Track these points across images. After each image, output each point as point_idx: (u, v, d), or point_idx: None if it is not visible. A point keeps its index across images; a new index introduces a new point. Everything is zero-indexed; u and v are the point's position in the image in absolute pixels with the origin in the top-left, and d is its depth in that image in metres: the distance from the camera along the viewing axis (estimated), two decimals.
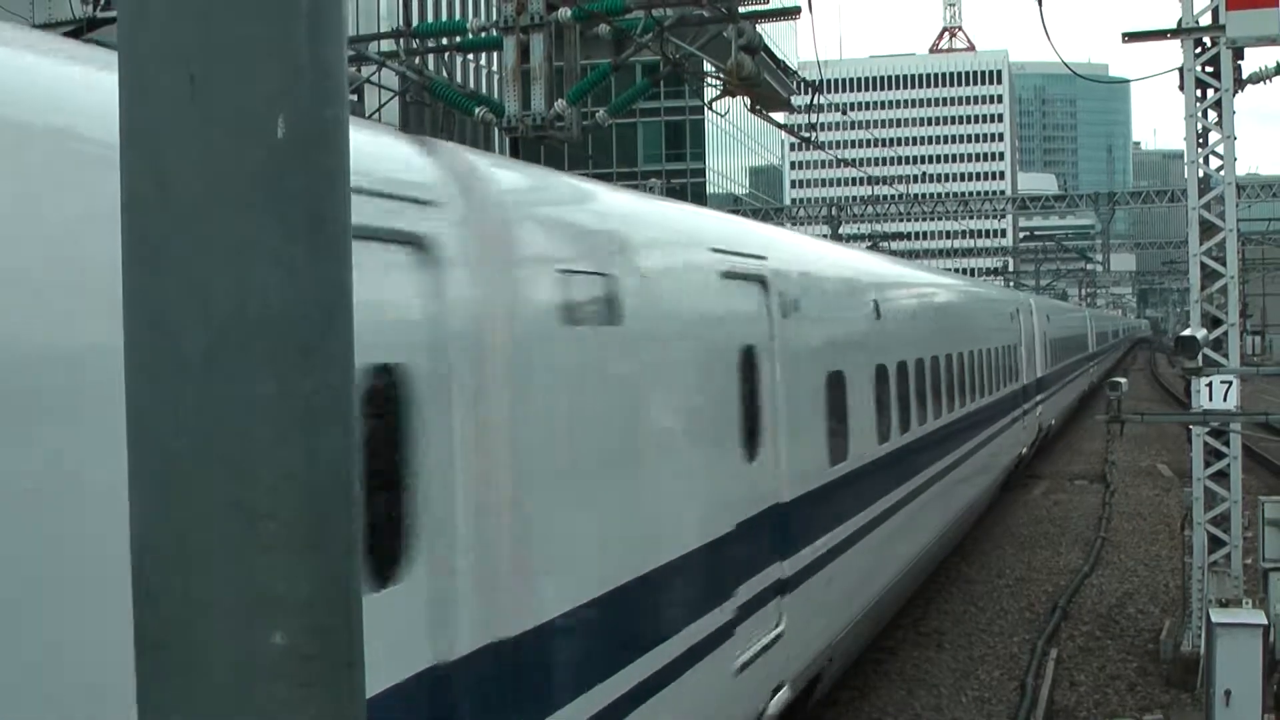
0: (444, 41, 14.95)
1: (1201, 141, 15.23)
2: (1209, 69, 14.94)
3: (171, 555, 1.44)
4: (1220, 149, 15.15)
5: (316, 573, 1.46)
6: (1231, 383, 13.67)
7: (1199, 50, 14.91)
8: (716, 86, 12.24)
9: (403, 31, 15.15)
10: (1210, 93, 15.00)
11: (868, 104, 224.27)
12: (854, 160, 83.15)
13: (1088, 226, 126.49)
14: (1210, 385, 13.61)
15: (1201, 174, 15.27)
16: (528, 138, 11.39)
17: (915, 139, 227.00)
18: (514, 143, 11.73)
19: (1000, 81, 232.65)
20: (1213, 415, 13.58)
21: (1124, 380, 16.06)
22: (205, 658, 1.43)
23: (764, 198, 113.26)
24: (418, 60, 14.75)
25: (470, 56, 59.51)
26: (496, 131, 12.46)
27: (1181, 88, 15.01)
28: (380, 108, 15.35)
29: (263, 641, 1.43)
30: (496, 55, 12.83)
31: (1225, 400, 13.60)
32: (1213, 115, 15.10)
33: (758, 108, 12.40)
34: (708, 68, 12.76)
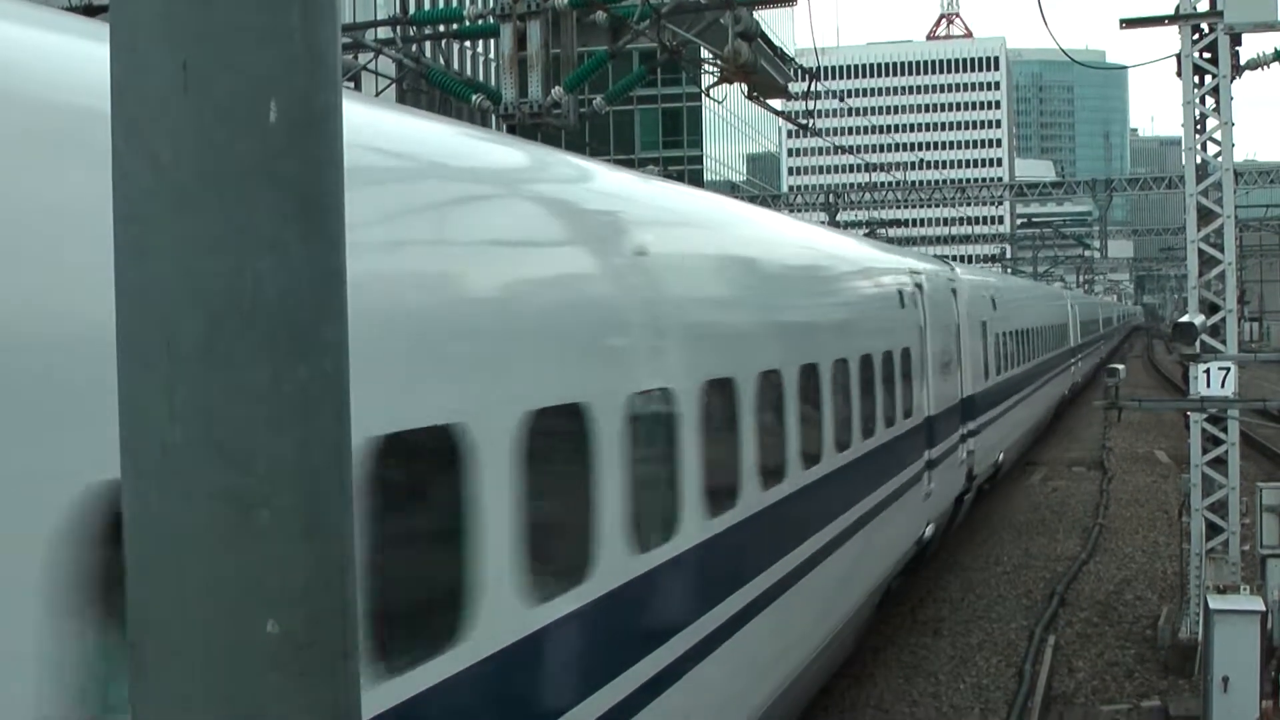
0: (441, 29, 14.91)
1: (1199, 128, 15.21)
2: (1207, 55, 14.93)
3: (165, 544, 1.43)
4: (1218, 135, 15.14)
5: (311, 561, 1.45)
6: (1229, 369, 13.67)
7: (1197, 36, 14.89)
8: (714, 73, 12.22)
9: (400, 19, 15.13)
10: (1208, 79, 14.99)
11: (865, 91, 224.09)
12: (851, 147, 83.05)
13: (1085, 213, 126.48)
14: (1208, 371, 13.61)
15: (1199, 160, 15.27)
16: (524, 125, 11.38)
17: (912, 126, 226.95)
18: (511, 130, 11.71)
19: (997, 68, 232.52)
20: (1210, 402, 13.59)
21: (1122, 367, 16.07)
22: (199, 647, 1.42)
23: (761, 185, 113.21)
24: (415, 47, 14.72)
25: (467, 44, 59.40)
26: (494, 119, 12.44)
27: (1179, 74, 14.99)
28: (378, 95, 15.31)
29: (257, 630, 1.42)
30: (493, 42, 12.80)
31: (1223, 387, 13.60)
32: (1210, 101, 15.09)
33: (755, 95, 12.39)
34: (705, 55, 12.74)
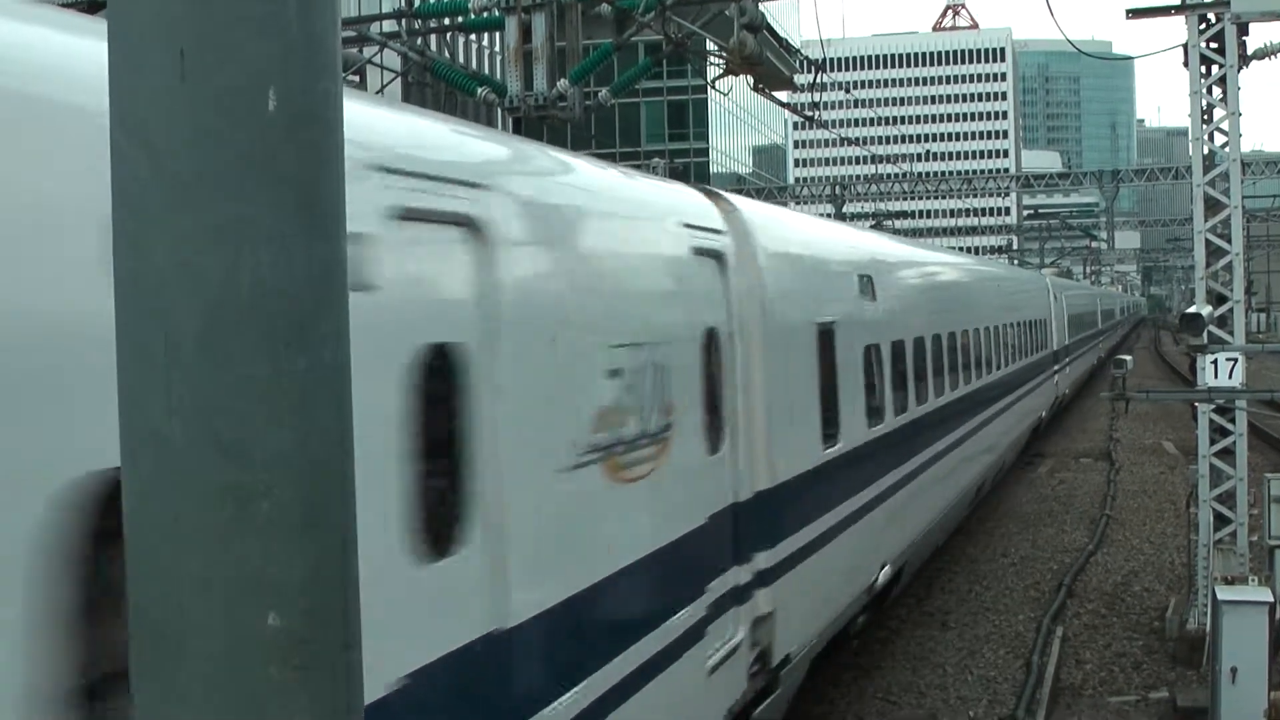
0: (446, 22, 14.88)
1: (1206, 118, 15.16)
2: (1214, 45, 14.87)
3: (165, 537, 1.43)
4: (1225, 125, 15.09)
5: (311, 554, 1.45)
6: (1237, 360, 13.64)
7: (1203, 26, 14.84)
8: (719, 65, 12.19)
9: (404, 12, 15.12)
10: (1215, 69, 14.93)
11: (871, 82, 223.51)
12: (858, 139, 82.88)
13: (1092, 204, 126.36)
14: (1215, 362, 13.58)
15: (1206, 151, 15.21)
16: (530, 118, 11.37)
17: (919, 117, 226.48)
18: (516, 123, 11.70)
19: (1004, 59, 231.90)
20: (1218, 392, 13.56)
21: (1129, 358, 16.02)
22: (199, 640, 1.41)
23: (768, 177, 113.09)
24: (420, 41, 14.71)
25: (472, 37, 59.38)
26: (499, 112, 12.42)
27: (1186, 64, 14.95)
28: (383, 88, 15.31)
29: (257, 624, 1.42)
30: (499, 35, 12.78)
31: (1230, 377, 13.57)
32: (1217, 91, 15.04)
33: (760, 87, 12.36)
34: (710, 47, 12.70)
